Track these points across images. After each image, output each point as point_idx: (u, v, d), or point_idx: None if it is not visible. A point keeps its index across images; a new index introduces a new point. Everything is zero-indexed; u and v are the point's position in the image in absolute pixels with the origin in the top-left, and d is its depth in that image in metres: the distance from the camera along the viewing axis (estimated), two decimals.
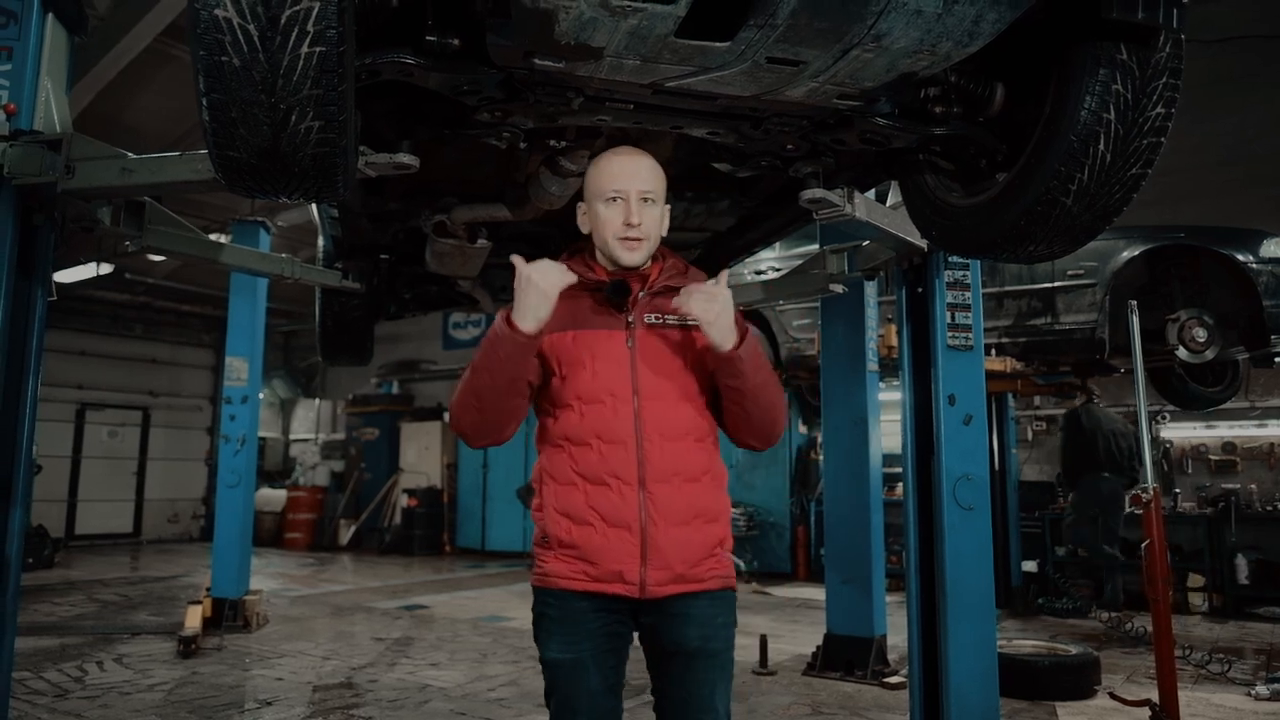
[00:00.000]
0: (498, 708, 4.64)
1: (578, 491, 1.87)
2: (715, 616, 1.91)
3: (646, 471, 1.85)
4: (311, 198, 2.01)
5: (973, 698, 3.51)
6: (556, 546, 1.89)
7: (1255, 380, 8.57)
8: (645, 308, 1.96)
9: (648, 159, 2.01)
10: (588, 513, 1.86)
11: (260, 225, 7.07)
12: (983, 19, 1.77)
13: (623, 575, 1.83)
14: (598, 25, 1.74)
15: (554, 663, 1.89)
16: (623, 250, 1.94)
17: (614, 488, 1.85)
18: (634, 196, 1.93)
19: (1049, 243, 2.28)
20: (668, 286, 1.99)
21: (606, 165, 1.99)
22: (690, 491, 1.89)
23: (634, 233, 1.93)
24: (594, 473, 1.87)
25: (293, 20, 1.56)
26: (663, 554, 1.84)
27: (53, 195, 2.94)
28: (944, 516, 3.57)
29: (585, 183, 2.03)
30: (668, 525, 1.85)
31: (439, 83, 2.05)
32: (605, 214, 1.95)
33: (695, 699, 1.87)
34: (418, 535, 13.44)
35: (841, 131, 2.38)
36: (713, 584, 1.91)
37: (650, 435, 1.87)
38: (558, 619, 1.89)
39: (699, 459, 1.92)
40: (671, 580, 1.85)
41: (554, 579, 1.89)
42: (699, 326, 1.89)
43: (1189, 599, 8.18)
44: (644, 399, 1.89)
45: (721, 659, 1.92)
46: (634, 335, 1.93)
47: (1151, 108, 1.99)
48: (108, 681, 5.08)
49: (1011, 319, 6.25)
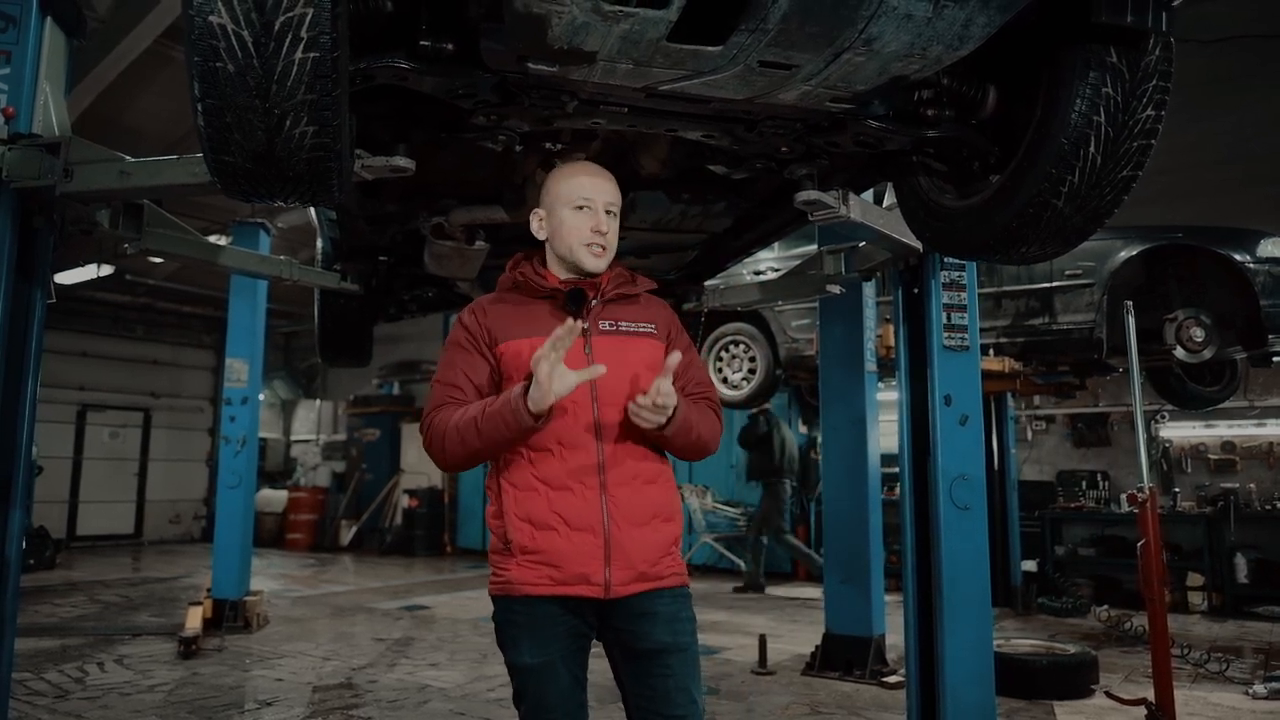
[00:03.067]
0: (497, 708, 4.66)
1: (539, 496, 1.90)
2: (679, 612, 1.97)
3: (607, 475, 1.91)
4: (307, 201, 2.03)
5: (969, 697, 3.52)
6: (519, 553, 1.90)
7: (1254, 380, 8.57)
8: (599, 315, 2.02)
9: (610, 175, 2.09)
10: (551, 517, 1.89)
11: (260, 227, 7.08)
12: (973, 23, 1.78)
13: (588, 577, 1.87)
14: (590, 30, 1.75)
15: (526, 667, 1.92)
16: (589, 256, 2.00)
17: (576, 492, 1.89)
18: (601, 206, 2.01)
19: (1041, 244, 2.30)
20: (620, 294, 2.06)
21: (575, 173, 2.06)
22: (648, 493, 1.96)
23: (601, 240, 1.99)
24: (556, 477, 1.90)
25: (287, 26, 1.58)
26: (626, 554, 1.89)
27: (51, 198, 2.95)
28: (940, 516, 3.59)
29: (546, 190, 2.08)
30: (629, 526, 1.90)
31: (433, 87, 2.07)
32: (572, 220, 2.00)
33: (676, 693, 1.91)
34: (419, 535, 13.45)
35: (835, 134, 2.39)
36: (671, 581, 1.97)
37: (610, 439, 1.93)
38: (526, 625, 1.91)
39: (655, 462, 2.00)
40: (634, 579, 1.90)
41: (518, 585, 1.90)
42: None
43: (1188, 598, 8.18)
44: (603, 404, 1.94)
45: (691, 653, 1.97)
46: (590, 342, 1.98)
47: (1142, 110, 2.01)
48: (108, 682, 5.10)
49: (1009, 319, 6.25)
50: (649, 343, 2.03)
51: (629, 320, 2.04)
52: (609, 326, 2.02)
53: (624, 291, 2.07)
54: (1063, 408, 9.79)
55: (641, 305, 2.10)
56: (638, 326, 2.03)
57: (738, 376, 7.31)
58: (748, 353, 7.27)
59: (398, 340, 15.27)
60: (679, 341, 2.08)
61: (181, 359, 16.15)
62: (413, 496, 13.69)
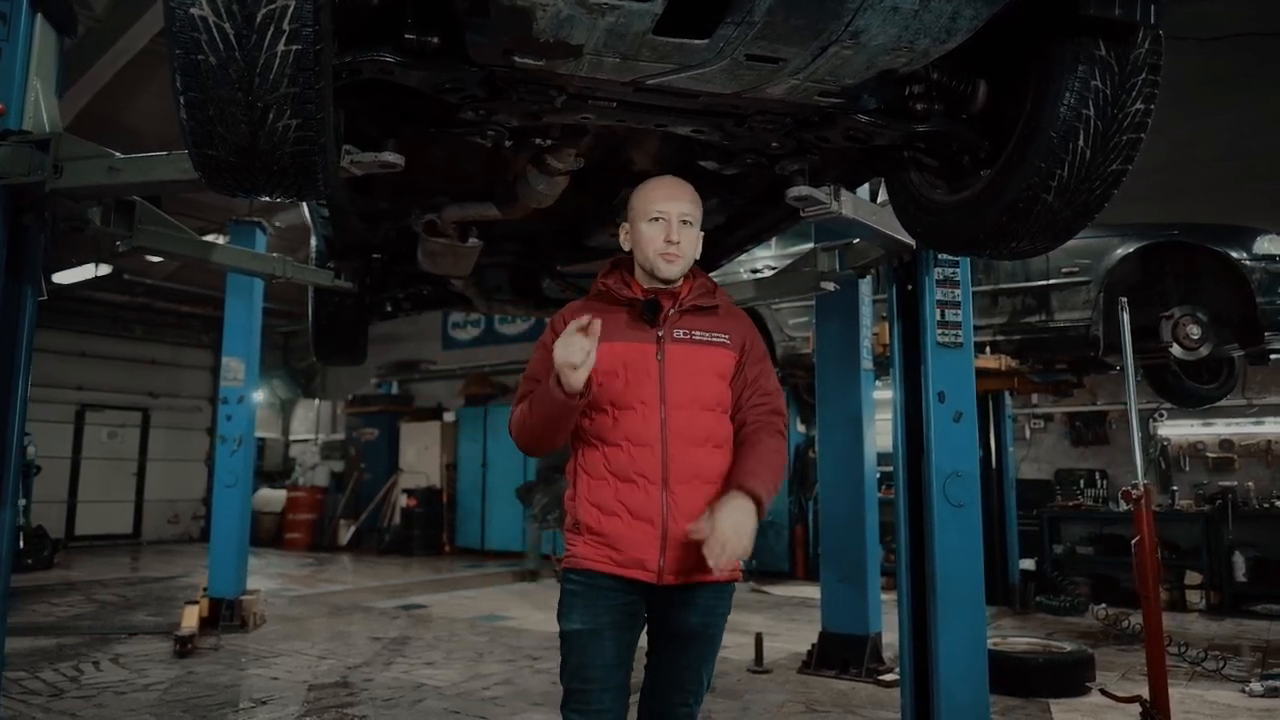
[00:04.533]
0: (492, 706, 4.65)
1: (608, 486, 2.10)
2: (716, 606, 2.15)
3: (670, 473, 2.07)
4: (292, 195, 2.02)
5: (963, 694, 3.52)
6: (586, 532, 2.11)
7: (1252, 378, 8.56)
8: (675, 324, 2.17)
9: (689, 188, 2.22)
10: (616, 505, 2.08)
11: (256, 226, 7.07)
12: (960, 15, 1.78)
13: (644, 563, 2.06)
14: (575, 23, 1.74)
15: (573, 633, 2.09)
16: (663, 263, 2.15)
17: (640, 486, 2.07)
18: (675, 217, 2.15)
19: (1032, 239, 2.29)
20: (696, 305, 2.21)
21: (653, 189, 2.21)
22: (708, 492, 2.09)
23: (674, 249, 2.14)
24: (623, 471, 2.09)
25: (269, 18, 1.57)
26: (680, 546, 2.04)
27: (41, 195, 2.95)
28: (934, 513, 3.58)
29: (630, 206, 2.23)
30: (686, 521, 2.04)
31: (420, 81, 2.06)
32: (648, 232, 2.16)
33: (687, 672, 2.14)
34: (417, 535, 13.44)
35: (825, 129, 2.39)
36: (722, 575, 2.08)
37: (674, 440, 2.09)
38: (582, 594, 2.10)
39: (717, 463, 2.13)
40: (686, 570, 2.05)
41: (582, 560, 2.11)
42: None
43: (1186, 596, 8.17)
44: (670, 408, 2.10)
45: (714, 642, 2.18)
46: (664, 349, 2.14)
47: (1131, 104, 2.00)
48: (103, 681, 5.09)
49: (1006, 317, 6.24)
50: (720, 352, 2.19)
51: (704, 330, 2.19)
52: (683, 335, 2.17)
53: (701, 303, 2.21)
54: (1061, 406, 9.77)
55: (719, 316, 2.24)
56: (711, 336, 2.19)
57: None
58: None
59: (396, 340, 15.27)
60: (754, 351, 2.24)
61: (180, 359, 16.14)
62: (411, 496, 13.68)
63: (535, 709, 4.58)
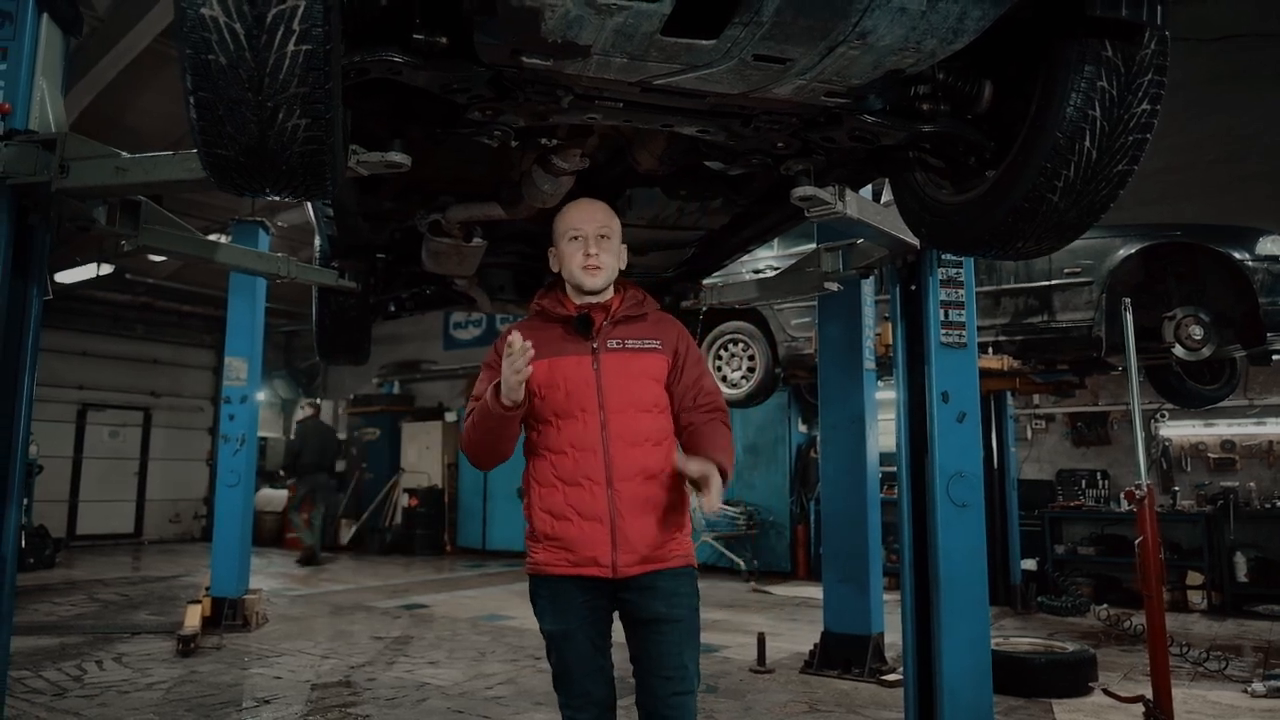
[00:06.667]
0: (495, 706, 4.66)
1: (558, 492, 2.24)
2: (678, 589, 2.27)
3: (614, 473, 2.22)
4: (301, 195, 2.03)
5: (966, 694, 3.52)
6: (542, 539, 2.27)
7: (1254, 378, 8.55)
8: (608, 334, 2.32)
9: (603, 205, 2.40)
10: (566, 509, 2.23)
11: (260, 225, 7.07)
12: (967, 16, 1.78)
13: (597, 560, 2.20)
14: (584, 23, 1.75)
15: (549, 633, 2.28)
16: (586, 276, 2.31)
17: (586, 488, 2.22)
18: (591, 234, 2.32)
19: (1037, 239, 2.30)
20: (627, 315, 2.35)
21: (568, 212, 2.38)
22: (650, 487, 2.25)
23: (592, 260, 2.30)
24: (570, 475, 2.23)
25: (279, 18, 1.58)
26: (630, 540, 2.20)
27: (47, 194, 2.95)
28: (937, 514, 3.58)
29: (552, 231, 2.39)
30: (633, 516, 2.21)
31: (428, 81, 2.06)
32: (569, 250, 2.33)
33: (666, 658, 2.22)
34: (419, 535, 13.44)
35: (831, 129, 2.39)
36: (675, 562, 2.27)
37: (615, 442, 2.23)
38: (548, 598, 2.28)
39: (657, 459, 2.27)
40: (639, 561, 2.21)
41: (542, 566, 2.27)
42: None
43: (1188, 597, 8.16)
44: (609, 412, 2.24)
45: (686, 625, 2.26)
46: (599, 359, 2.29)
47: (1137, 104, 2.00)
48: (106, 680, 5.10)
49: (1008, 317, 6.24)
50: (653, 357, 2.33)
51: (635, 338, 2.33)
52: (616, 345, 2.31)
53: (631, 313, 2.35)
54: (1062, 406, 9.77)
55: (650, 324, 2.38)
56: (643, 343, 2.33)
57: (737, 375, 7.31)
58: (747, 351, 7.27)
59: (398, 340, 15.27)
60: (688, 356, 2.38)
61: (182, 358, 16.14)
62: (413, 496, 13.68)
63: (538, 708, 4.58)
